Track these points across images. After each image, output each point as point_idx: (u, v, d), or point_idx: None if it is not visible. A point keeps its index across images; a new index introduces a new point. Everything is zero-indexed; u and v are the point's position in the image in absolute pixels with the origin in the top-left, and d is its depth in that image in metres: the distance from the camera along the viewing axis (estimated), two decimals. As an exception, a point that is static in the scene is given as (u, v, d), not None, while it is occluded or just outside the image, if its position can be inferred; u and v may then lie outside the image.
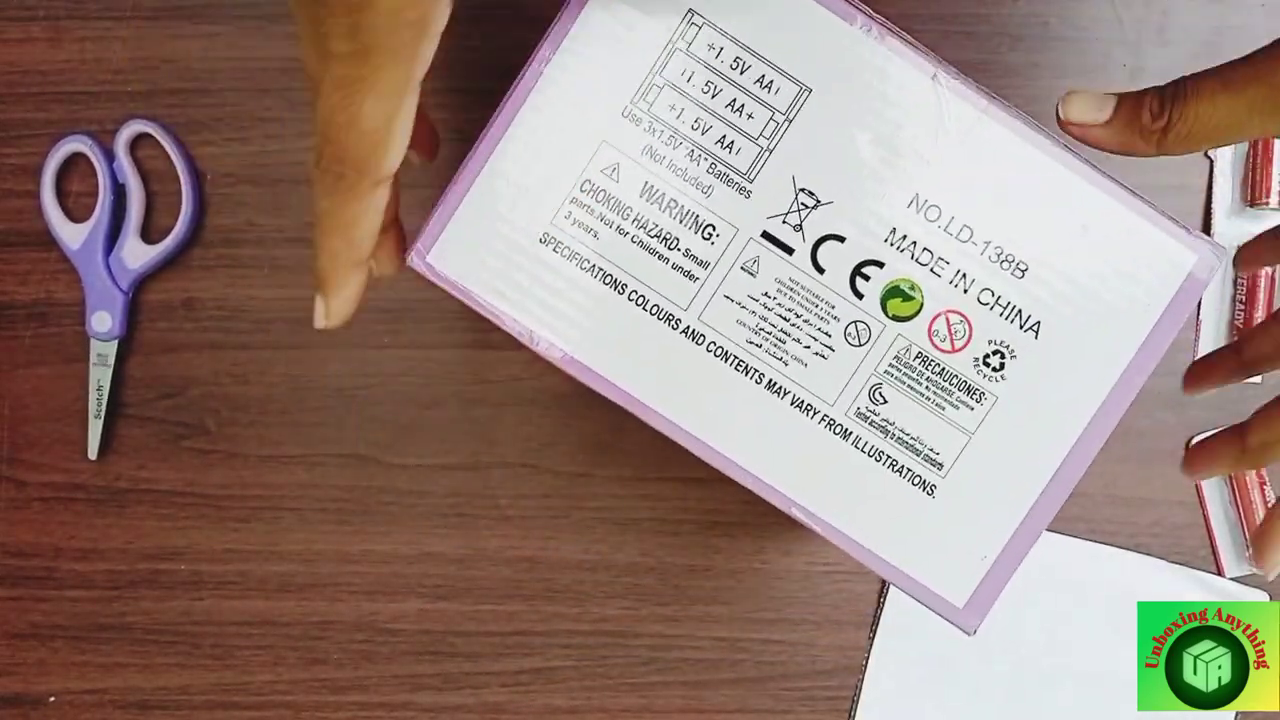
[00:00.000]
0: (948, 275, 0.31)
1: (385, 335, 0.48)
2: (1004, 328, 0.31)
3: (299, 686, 0.50)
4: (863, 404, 0.32)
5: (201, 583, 0.49)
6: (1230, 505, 0.49)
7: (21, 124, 0.48)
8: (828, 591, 0.49)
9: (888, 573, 0.32)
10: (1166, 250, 0.31)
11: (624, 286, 0.32)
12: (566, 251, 0.32)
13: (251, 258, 0.48)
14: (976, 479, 0.32)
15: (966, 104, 0.31)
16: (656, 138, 0.31)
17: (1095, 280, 0.31)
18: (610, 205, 0.31)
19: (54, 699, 0.50)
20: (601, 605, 0.49)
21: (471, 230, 0.32)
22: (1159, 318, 0.31)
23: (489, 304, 0.32)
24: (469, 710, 0.50)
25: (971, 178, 0.31)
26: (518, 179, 0.31)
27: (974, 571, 0.32)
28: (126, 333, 0.48)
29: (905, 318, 0.31)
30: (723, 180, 0.31)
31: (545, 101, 0.31)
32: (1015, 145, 0.31)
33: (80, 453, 0.49)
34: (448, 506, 0.49)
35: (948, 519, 0.32)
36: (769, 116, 0.31)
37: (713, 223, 0.31)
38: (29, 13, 0.47)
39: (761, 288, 0.31)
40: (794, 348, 0.32)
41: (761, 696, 0.50)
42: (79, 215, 0.48)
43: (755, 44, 0.31)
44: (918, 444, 0.32)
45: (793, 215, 0.31)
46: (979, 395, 0.31)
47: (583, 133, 0.31)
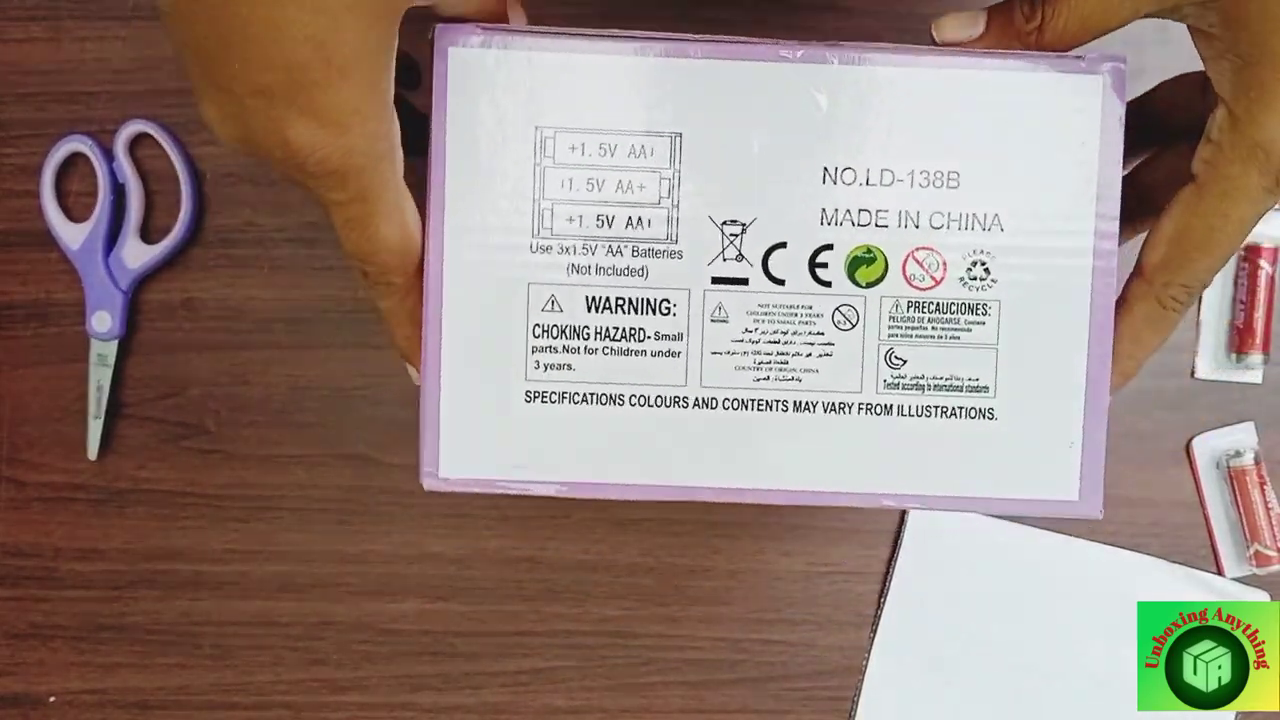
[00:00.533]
0: (893, 221, 0.31)
1: (385, 335, 0.48)
2: (969, 238, 0.31)
3: (299, 686, 0.50)
4: (886, 375, 0.32)
5: (201, 583, 0.49)
6: (1230, 505, 0.49)
7: (21, 124, 0.48)
8: (828, 592, 0.49)
9: (997, 508, 0.32)
10: (1070, 85, 0.31)
11: (621, 398, 0.32)
12: (554, 396, 0.32)
13: (251, 258, 0.48)
14: (1024, 380, 0.32)
15: (819, 65, 0.31)
16: (571, 254, 0.31)
17: (1023, 149, 0.31)
18: (567, 334, 0.32)
19: (54, 699, 0.50)
20: (601, 605, 0.49)
21: (463, 429, 0.32)
22: (1099, 145, 0.31)
23: (516, 482, 0.32)
24: (469, 710, 0.50)
25: (862, 125, 0.31)
26: (476, 362, 0.32)
27: (1070, 461, 0.32)
28: (126, 333, 0.48)
29: (878, 279, 0.32)
30: (650, 255, 0.31)
31: (459, 285, 0.31)
32: (881, 74, 0.31)
33: (80, 453, 0.49)
34: (448, 506, 0.49)
35: (1019, 430, 0.32)
36: (658, 178, 0.31)
37: (664, 297, 0.32)
38: (29, 13, 0.47)
39: (740, 328, 0.32)
40: (797, 362, 0.32)
41: (762, 697, 0.50)
42: (79, 215, 0.48)
43: (607, 123, 0.31)
44: (955, 381, 0.32)
45: (729, 250, 0.31)
46: (982, 307, 0.32)
47: (506, 289, 0.31)
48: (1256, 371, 0.48)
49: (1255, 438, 0.49)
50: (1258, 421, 0.49)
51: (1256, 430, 0.49)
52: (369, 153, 0.28)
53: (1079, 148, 0.31)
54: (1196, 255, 0.30)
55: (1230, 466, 0.48)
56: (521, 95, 0.30)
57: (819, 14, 0.47)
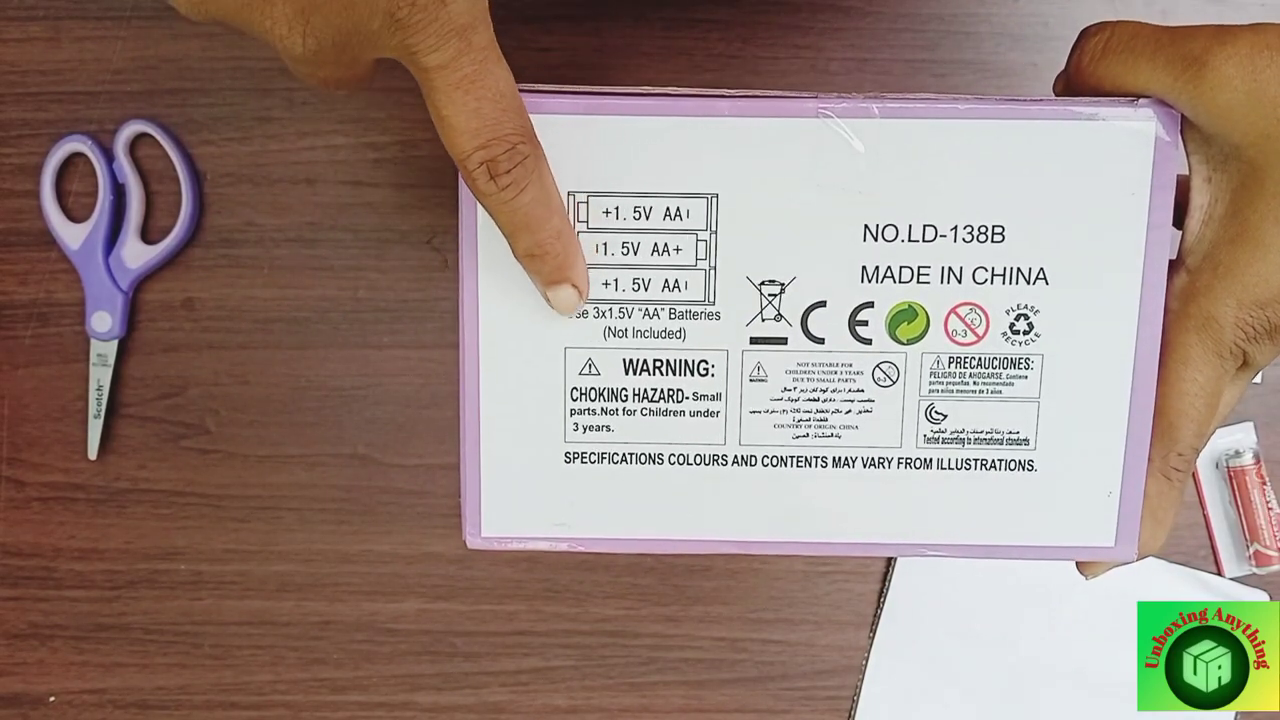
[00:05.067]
0: (935, 277, 0.31)
1: (385, 335, 0.48)
2: (1012, 291, 0.31)
3: (298, 686, 0.50)
4: (926, 430, 0.32)
5: (201, 583, 0.49)
6: (1230, 505, 0.49)
7: (21, 124, 0.48)
8: (828, 591, 0.49)
9: (1035, 555, 0.32)
10: (1121, 132, 0.30)
11: (660, 457, 0.32)
12: (594, 457, 0.32)
13: (251, 258, 0.48)
14: (1065, 432, 0.32)
15: (860, 119, 0.30)
16: (609, 318, 0.31)
17: (1071, 199, 0.30)
18: (606, 397, 0.32)
19: (54, 699, 0.50)
20: (601, 605, 0.49)
21: (503, 490, 0.32)
22: (1150, 192, 0.30)
23: (558, 540, 0.32)
24: (469, 710, 0.50)
25: (905, 180, 0.30)
26: (515, 424, 0.32)
27: (1108, 509, 0.32)
28: (126, 333, 0.48)
29: (919, 336, 0.31)
30: (687, 318, 0.31)
31: (496, 349, 0.31)
32: (925, 129, 0.30)
33: (80, 453, 0.49)
34: (448, 506, 0.49)
35: (1058, 481, 0.32)
36: (694, 239, 0.31)
37: (702, 358, 0.31)
38: (29, 13, 0.47)
39: (779, 386, 0.31)
40: (837, 419, 0.32)
41: (761, 696, 0.50)
42: (79, 215, 0.48)
43: (642, 185, 0.30)
44: (995, 434, 0.32)
45: (768, 309, 0.31)
46: (1024, 362, 0.31)
47: (544, 353, 0.31)
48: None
49: (1255, 438, 0.49)
50: (1257, 421, 0.49)
51: (1256, 430, 0.49)
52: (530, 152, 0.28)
53: (1128, 198, 0.30)
54: (1181, 423, 0.31)
55: (1230, 466, 0.48)
56: (553, 161, 0.30)
57: (819, 14, 0.47)
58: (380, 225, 0.48)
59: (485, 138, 0.27)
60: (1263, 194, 0.28)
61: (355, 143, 0.47)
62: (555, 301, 0.30)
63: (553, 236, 0.29)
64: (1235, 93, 0.27)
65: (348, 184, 0.48)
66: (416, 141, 0.47)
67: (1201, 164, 0.30)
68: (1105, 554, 0.32)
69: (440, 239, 0.48)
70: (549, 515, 0.32)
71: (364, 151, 0.47)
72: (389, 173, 0.48)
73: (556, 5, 0.47)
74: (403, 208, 0.48)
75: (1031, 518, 0.32)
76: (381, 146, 0.47)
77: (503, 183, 0.28)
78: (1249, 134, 0.28)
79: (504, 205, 0.28)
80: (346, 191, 0.48)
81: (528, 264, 0.30)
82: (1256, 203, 0.28)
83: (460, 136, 0.27)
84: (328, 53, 0.27)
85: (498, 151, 0.28)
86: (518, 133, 0.28)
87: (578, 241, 0.30)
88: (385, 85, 0.47)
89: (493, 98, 0.27)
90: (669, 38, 0.46)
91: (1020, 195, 0.30)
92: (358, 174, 0.48)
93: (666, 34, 0.46)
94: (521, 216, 0.29)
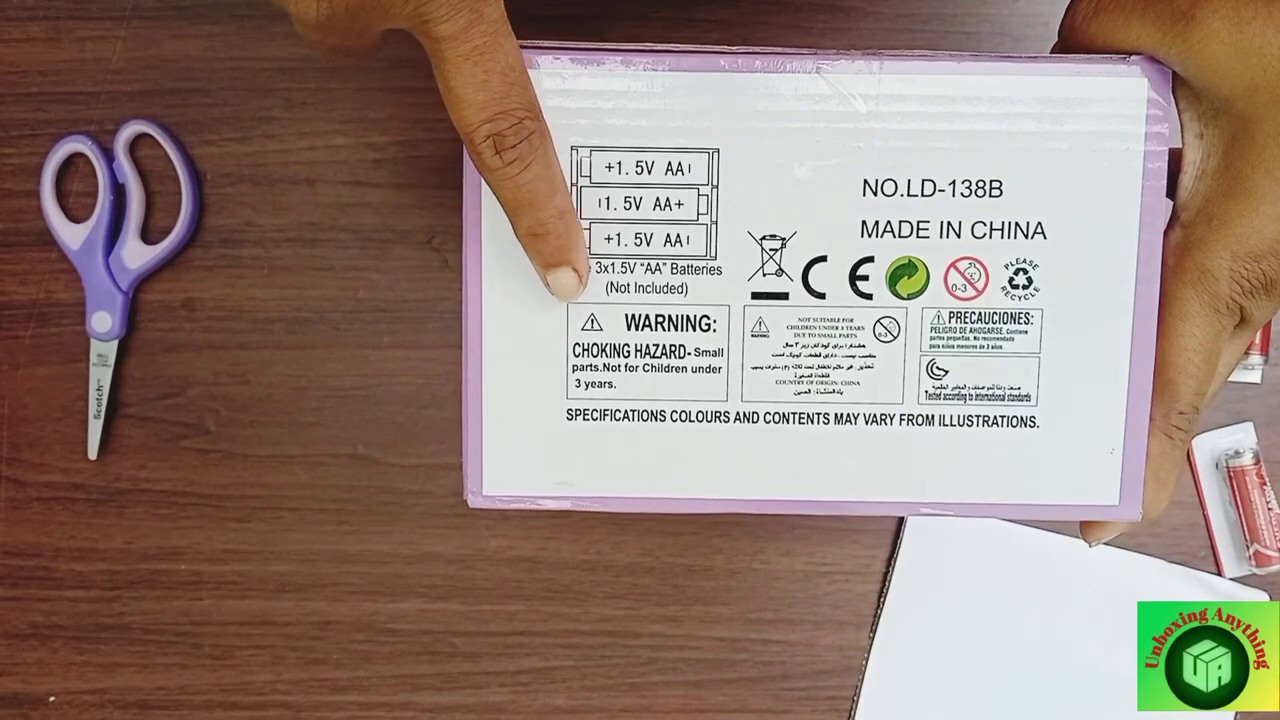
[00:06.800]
0: (934, 231, 0.31)
1: (385, 335, 0.48)
2: (1011, 246, 0.31)
3: (298, 686, 0.50)
4: (927, 386, 0.32)
5: (201, 583, 0.49)
6: (1230, 505, 0.49)
7: (21, 124, 0.48)
8: (828, 591, 0.50)
9: (1038, 514, 0.32)
10: (1113, 89, 0.30)
11: (662, 414, 0.32)
12: (596, 414, 0.32)
13: (251, 258, 0.48)
14: (1066, 387, 0.32)
15: (860, 75, 0.30)
16: (610, 273, 0.31)
17: (1067, 155, 0.31)
18: (608, 353, 0.32)
19: (54, 699, 0.50)
20: (601, 605, 0.49)
21: (505, 448, 0.32)
22: (1144, 148, 0.30)
23: (559, 498, 0.32)
24: (469, 710, 0.50)
25: (904, 135, 0.31)
26: (517, 382, 0.32)
27: (1111, 466, 0.32)
28: (126, 333, 0.48)
29: (919, 291, 0.31)
30: (689, 272, 0.31)
31: (498, 306, 0.31)
32: (925, 83, 0.30)
33: (80, 453, 0.49)
34: (448, 506, 0.49)
35: (1060, 437, 0.32)
36: (696, 194, 0.31)
37: (704, 313, 0.31)
38: (29, 13, 0.47)
39: (780, 342, 0.32)
40: (839, 374, 0.32)
41: (761, 696, 0.50)
42: (79, 215, 0.48)
43: (643, 140, 0.31)
44: (997, 390, 0.32)
45: (769, 264, 0.31)
46: (1024, 316, 0.31)
47: (546, 309, 0.31)
48: (1256, 371, 0.48)
49: (1254, 438, 0.49)
50: (1257, 421, 0.49)
51: (1255, 430, 0.49)
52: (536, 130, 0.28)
53: (1122, 154, 0.30)
54: (1180, 380, 0.31)
55: (1230, 466, 0.48)
56: (556, 115, 0.30)
57: (818, 14, 0.47)
58: (380, 225, 0.48)
59: (492, 111, 0.28)
60: (1253, 146, 0.28)
61: (355, 143, 0.47)
62: (555, 286, 0.30)
63: (555, 215, 0.29)
64: (1222, 45, 0.27)
65: (348, 184, 0.48)
66: (416, 141, 0.47)
67: (1193, 120, 0.30)
68: (1109, 513, 0.32)
69: (440, 239, 0.48)
70: (551, 474, 0.32)
71: (364, 151, 0.47)
72: (389, 173, 0.48)
73: (558, 5, 0.47)
74: (403, 208, 0.48)
75: (1034, 475, 0.32)
76: (381, 146, 0.47)
77: (508, 158, 0.28)
78: (1237, 86, 0.28)
79: (508, 181, 0.28)
80: (346, 191, 0.48)
81: (529, 244, 0.30)
82: (1248, 155, 0.28)
83: (467, 109, 0.27)
84: (340, 20, 0.27)
85: (504, 126, 0.28)
86: (525, 108, 0.28)
87: (579, 225, 0.30)
88: (385, 85, 0.47)
89: (501, 71, 0.27)
90: (669, 38, 0.46)
91: (1017, 151, 0.31)
92: (358, 174, 0.48)
93: (667, 34, 0.46)
94: (525, 193, 0.29)
